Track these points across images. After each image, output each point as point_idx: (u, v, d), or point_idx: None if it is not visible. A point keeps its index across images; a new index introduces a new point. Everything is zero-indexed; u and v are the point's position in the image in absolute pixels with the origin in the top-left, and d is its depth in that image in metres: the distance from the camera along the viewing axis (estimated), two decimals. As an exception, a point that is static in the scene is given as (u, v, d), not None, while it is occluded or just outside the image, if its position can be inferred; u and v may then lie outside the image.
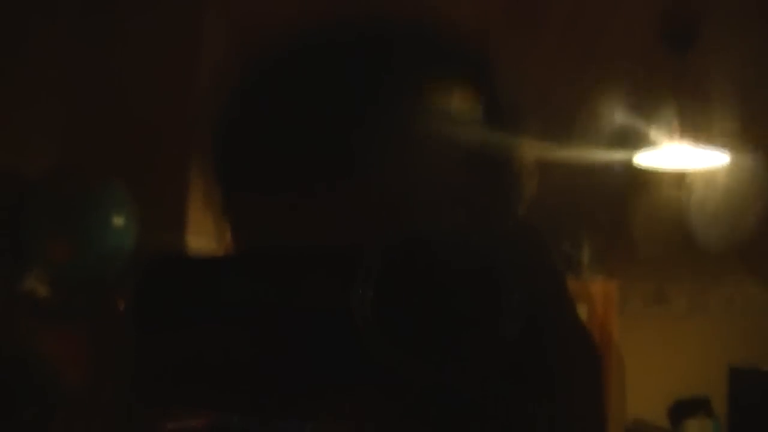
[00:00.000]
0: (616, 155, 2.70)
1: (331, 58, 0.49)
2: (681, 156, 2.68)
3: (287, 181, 0.47)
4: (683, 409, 3.81)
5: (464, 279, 0.39)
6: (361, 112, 0.47)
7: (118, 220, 2.10)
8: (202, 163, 0.53)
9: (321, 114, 0.47)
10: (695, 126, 2.55)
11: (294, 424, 0.42)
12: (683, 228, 2.81)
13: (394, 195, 0.46)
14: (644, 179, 2.91)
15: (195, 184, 2.17)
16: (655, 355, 4.03)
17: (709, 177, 2.81)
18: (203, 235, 0.53)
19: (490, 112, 0.50)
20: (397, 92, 0.47)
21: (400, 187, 0.46)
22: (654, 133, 2.58)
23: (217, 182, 0.52)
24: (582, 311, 0.46)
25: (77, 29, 2.38)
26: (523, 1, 2.55)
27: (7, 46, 2.15)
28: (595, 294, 3.08)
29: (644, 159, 2.75)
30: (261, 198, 0.48)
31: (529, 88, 0.54)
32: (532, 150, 0.53)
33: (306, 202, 0.46)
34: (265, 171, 0.48)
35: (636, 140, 2.64)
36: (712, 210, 2.81)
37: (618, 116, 2.56)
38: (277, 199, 0.47)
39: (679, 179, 2.82)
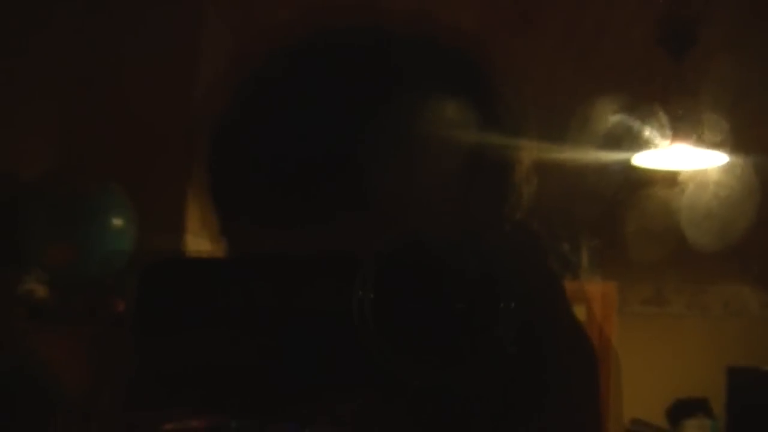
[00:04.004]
0: (614, 157, 2.70)
1: (331, 71, 0.48)
2: (678, 157, 2.68)
3: (289, 216, 0.47)
4: (682, 410, 3.81)
5: (462, 282, 0.39)
6: (364, 126, 0.46)
7: (117, 223, 2.09)
8: (199, 184, 0.52)
9: (322, 136, 0.47)
10: (692, 127, 2.55)
11: (293, 427, 0.42)
12: (681, 229, 2.81)
13: (394, 198, 0.46)
14: (642, 181, 2.91)
15: (194, 186, 2.16)
16: (653, 356, 4.03)
17: (705, 178, 2.81)
18: (202, 238, 0.53)
19: (489, 115, 0.50)
20: (398, 98, 0.47)
21: (399, 191, 0.46)
22: (651, 134, 2.58)
23: (215, 209, 0.51)
24: (580, 313, 0.45)
25: (75, 31, 2.37)
26: (523, 6, 2.55)
27: (4, 47, 2.14)
28: (594, 295, 3.07)
29: (642, 160, 2.75)
30: (259, 229, 0.48)
31: (529, 91, 0.54)
32: (530, 153, 0.53)
33: (306, 236, 0.46)
34: (264, 205, 0.48)
35: (633, 142, 2.64)
36: (710, 211, 2.81)
37: (616, 118, 2.57)
38: (278, 230, 0.47)
39: (677, 180, 2.82)
